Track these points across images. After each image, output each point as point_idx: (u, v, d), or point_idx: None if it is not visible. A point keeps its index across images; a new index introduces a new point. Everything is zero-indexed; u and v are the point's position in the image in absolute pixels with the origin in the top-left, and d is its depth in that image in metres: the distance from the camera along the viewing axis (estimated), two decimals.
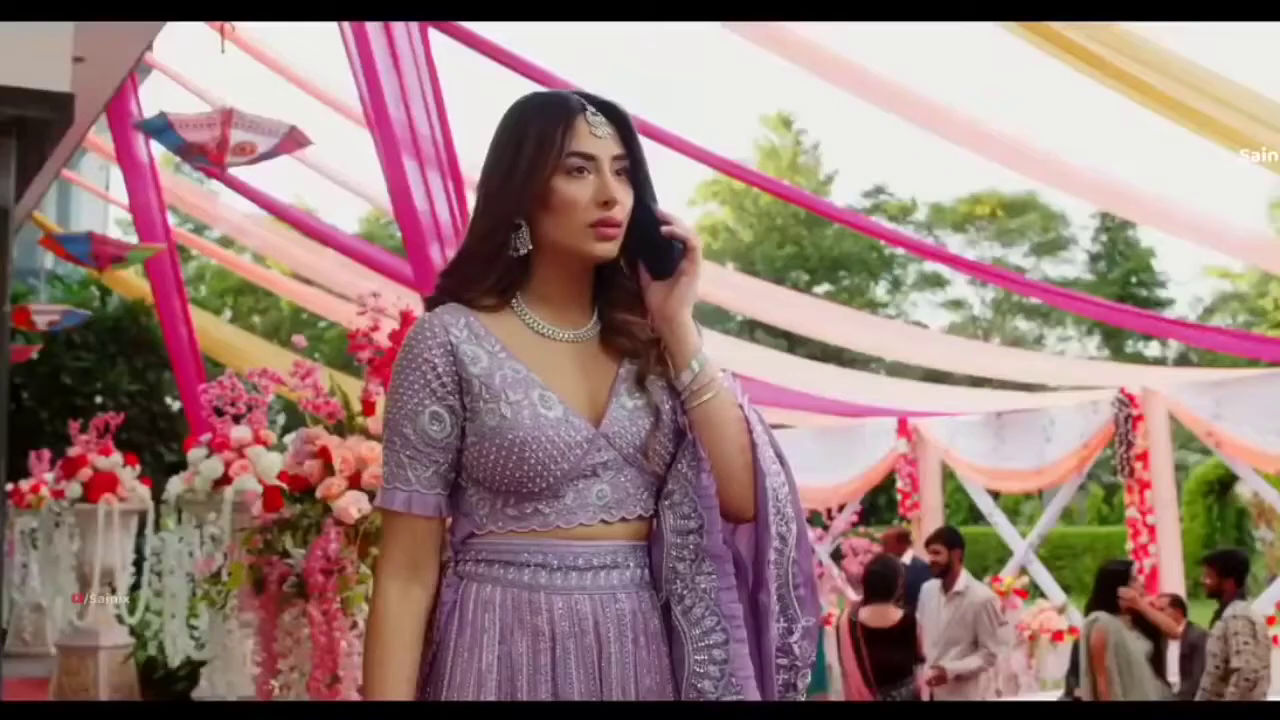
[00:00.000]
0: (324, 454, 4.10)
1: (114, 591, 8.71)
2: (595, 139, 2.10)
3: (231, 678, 5.26)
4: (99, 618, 8.46)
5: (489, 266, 2.14)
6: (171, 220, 22.48)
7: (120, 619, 8.72)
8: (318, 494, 4.06)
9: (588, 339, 2.18)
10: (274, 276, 18.38)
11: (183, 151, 5.87)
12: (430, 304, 2.19)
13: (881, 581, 7.63)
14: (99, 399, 14.48)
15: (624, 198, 2.11)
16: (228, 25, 6.72)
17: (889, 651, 7.32)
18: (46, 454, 11.33)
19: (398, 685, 2.05)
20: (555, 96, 2.16)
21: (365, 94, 5.31)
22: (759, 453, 2.12)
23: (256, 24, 7.90)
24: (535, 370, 2.10)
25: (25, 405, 14.77)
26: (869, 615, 7.48)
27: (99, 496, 8.27)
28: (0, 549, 5.70)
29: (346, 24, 5.30)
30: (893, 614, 7.47)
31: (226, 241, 21.24)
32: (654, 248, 2.13)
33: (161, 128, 5.73)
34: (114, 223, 25.17)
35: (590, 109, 2.12)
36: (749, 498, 2.12)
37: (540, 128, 2.10)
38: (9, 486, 11.83)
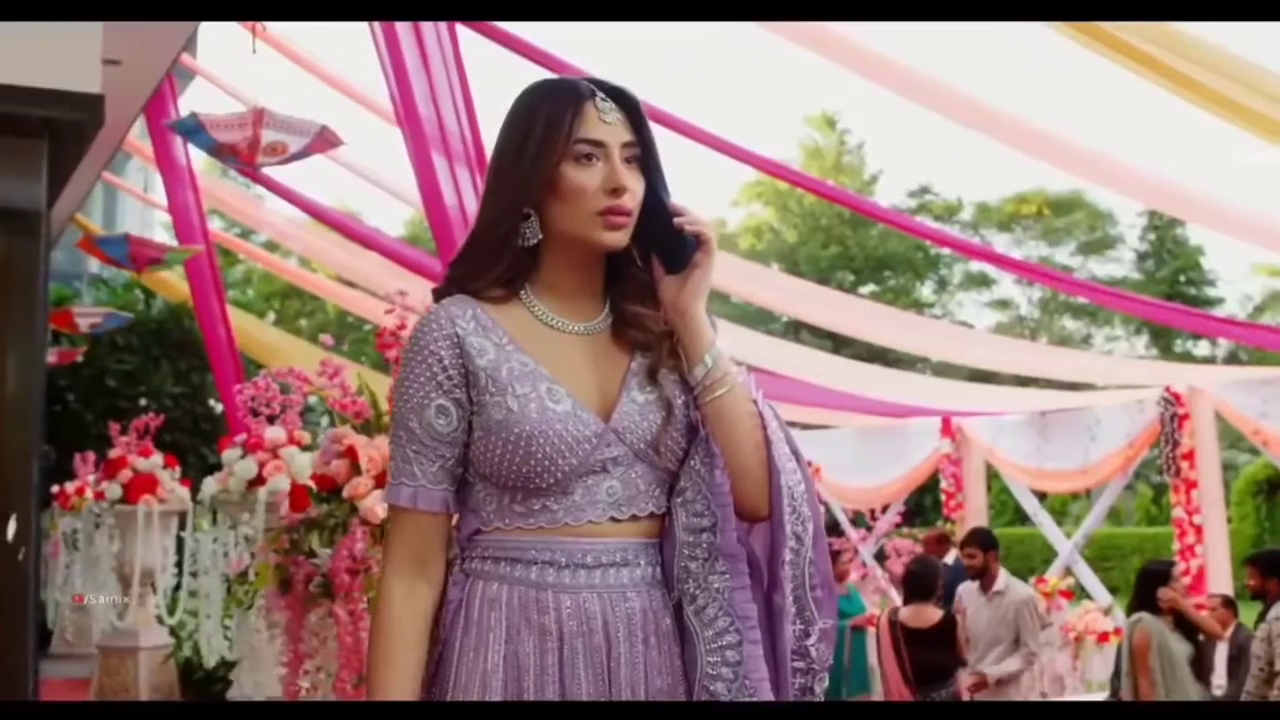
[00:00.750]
0: (351, 453, 4.08)
1: (155, 592, 8.76)
2: (604, 125, 2.05)
3: (260, 678, 5.25)
4: (139, 618, 8.50)
5: (497, 256, 2.10)
6: (218, 224, 22.67)
7: (160, 620, 8.76)
8: (344, 493, 4.04)
9: (599, 331, 2.13)
10: (319, 280, 18.43)
11: (215, 152, 5.88)
12: (438, 295, 2.14)
13: (920, 582, 7.57)
14: (143, 401, 14.54)
15: (634, 185, 2.06)
16: (259, 26, 6.72)
17: (929, 652, 7.26)
18: (91, 456, 11.39)
19: (401, 684, 2.01)
20: (564, 82, 2.11)
21: (395, 92, 5.31)
22: (774, 450, 2.06)
23: (289, 25, 7.92)
24: (543, 363, 2.06)
25: (71, 407, 14.88)
26: (908, 615, 7.43)
27: (139, 498, 8.30)
28: (36, 549, 5.69)
29: (376, 23, 5.30)
30: (932, 614, 7.40)
31: (272, 245, 21.34)
32: (667, 240, 2.08)
33: (193, 128, 5.74)
34: (159, 225, 25.35)
35: (600, 95, 2.07)
36: (763, 496, 2.06)
37: (548, 114, 2.05)
38: (54, 488, 11.93)
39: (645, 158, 2.10)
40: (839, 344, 22.66)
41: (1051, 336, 35.20)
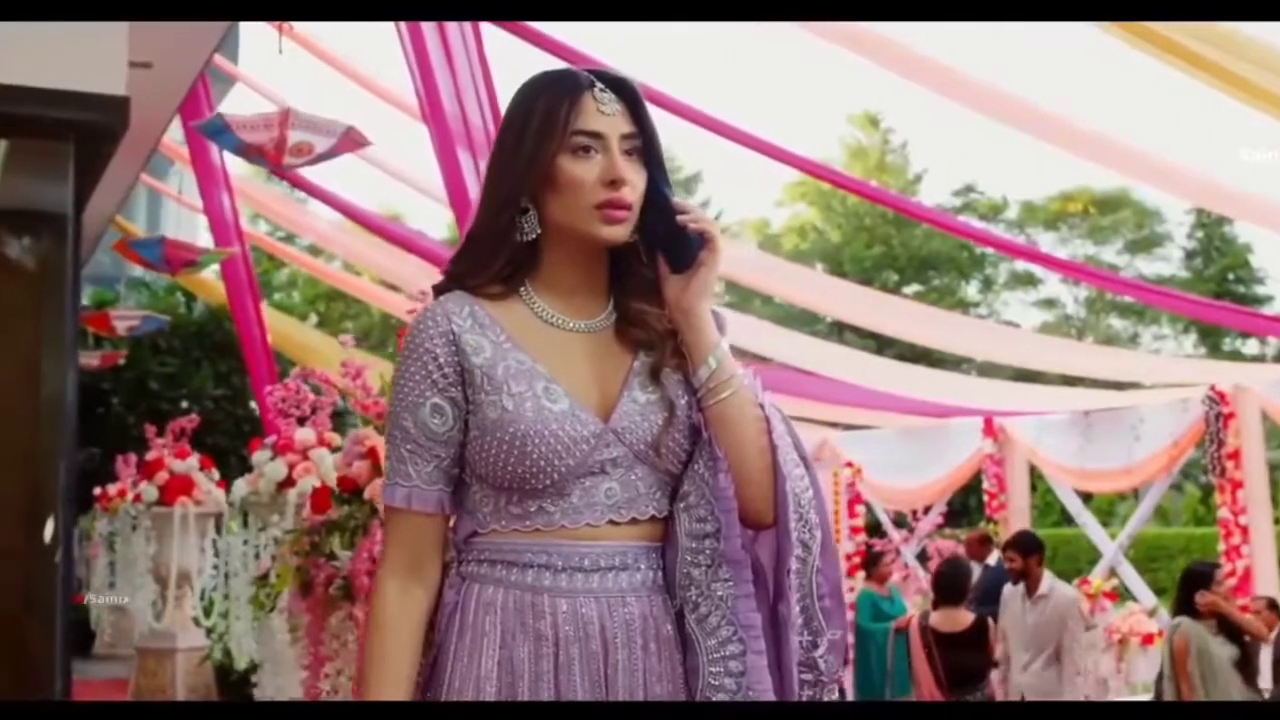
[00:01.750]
0: (373, 455, 4.06)
1: (192, 593, 8.79)
2: (603, 116, 2.00)
3: (281, 681, 5.24)
4: (176, 620, 8.54)
5: (495, 251, 2.05)
6: (264, 228, 22.76)
7: (197, 621, 8.79)
8: (365, 495, 4.02)
9: (601, 329, 2.08)
10: (362, 284, 18.48)
11: (241, 152, 5.88)
12: (437, 292, 2.10)
13: (949, 585, 7.51)
14: (184, 403, 14.64)
15: (634, 178, 2.00)
16: (286, 25, 6.72)
17: (961, 655, 7.20)
18: (132, 458, 11.44)
19: (395, 687, 1.97)
20: (562, 73, 2.06)
21: (420, 89, 5.32)
22: (780, 455, 2.00)
23: (318, 25, 7.93)
24: (541, 361, 2.01)
25: (114, 410, 14.98)
26: (939, 619, 7.37)
27: (175, 499, 8.34)
28: (67, 551, 5.70)
29: (401, 22, 5.30)
30: (964, 617, 7.34)
31: (316, 250, 21.42)
32: (672, 238, 2.03)
33: (219, 129, 5.74)
34: (202, 228, 25.45)
35: (599, 85, 2.02)
36: (768, 502, 2.00)
37: (545, 105, 2.00)
38: (97, 490, 12.00)
39: (647, 150, 2.04)
40: (882, 344, 22.56)
41: (1098, 336, 34.92)
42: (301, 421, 6.17)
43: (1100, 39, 6.01)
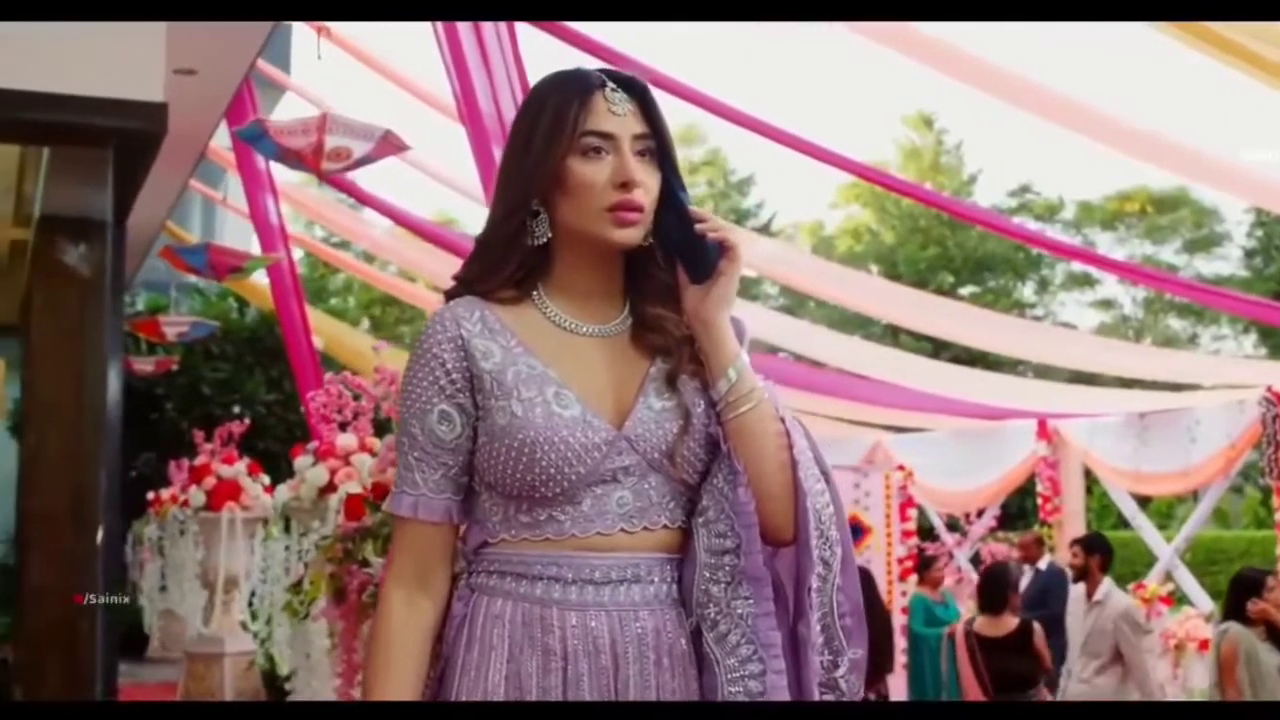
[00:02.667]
0: None
1: (240, 597, 8.83)
2: (613, 116, 1.95)
3: (317, 686, 5.23)
4: (224, 624, 8.57)
5: (506, 256, 2.01)
6: (319, 234, 22.84)
7: (244, 625, 8.82)
8: None
9: (616, 334, 2.03)
10: (416, 289, 18.51)
11: (280, 158, 5.88)
12: (448, 296, 2.06)
13: (992, 592, 7.43)
14: (236, 408, 14.69)
15: (646, 179, 1.95)
16: (324, 28, 6.72)
17: (1006, 660, 7.12)
18: (185, 463, 11.51)
19: (399, 699, 1.93)
20: (573, 73, 2.02)
21: (457, 90, 5.30)
22: (800, 470, 1.94)
23: (361, 31, 7.93)
24: (553, 366, 1.96)
25: (167, 415, 15.08)
26: (983, 624, 7.32)
27: (222, 504, 8.36)
28: (108, 554, 5.74)
29: (438, 22, 5.30)
30: (1008, 622, 7.27)
31: (369, 256, 21.50)
32: (689, 246, 1.97)
33: (258, 135, 5.74)
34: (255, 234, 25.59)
35: (610, 85, 1.97)
36: (788, 518, 1.94)
37: (555, 106, 1.96)
38: (150, 495, 12.10)
39: (660, 151, 1.99)
40: (938, 346, 22.40)
41: (1156, 336, 34.54)
42: (343, 427, 6.16)
43: (1155, 38, 5.91)
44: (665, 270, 2.03)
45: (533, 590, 1.93)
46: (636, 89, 2.00)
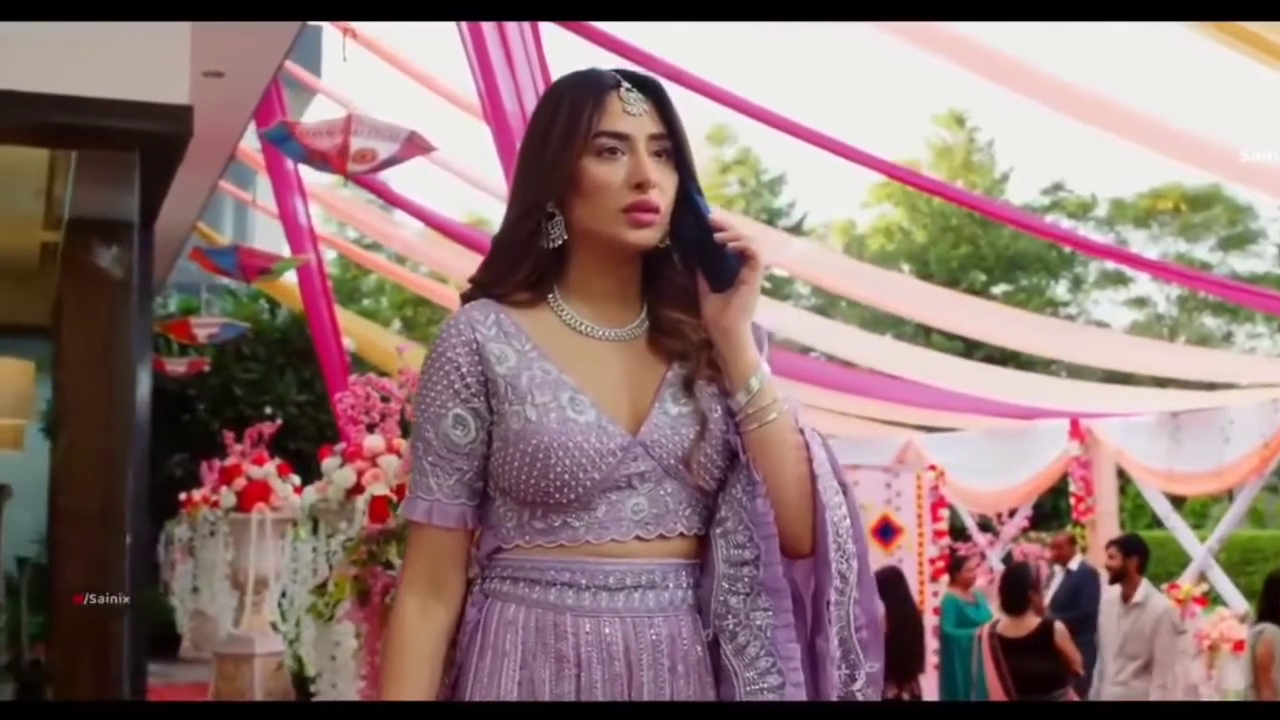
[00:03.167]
0: None
1: (273, 598, 8.85)
2: (628, 117, 1.93)
3: (342, 688, 5.23)
4: (254, 625, 8.59)
5: (521, 258, 1.99)
6: (351, 235, 22.86)
7: (274, 626, 8.84)
8: None
9: (633, 338, 2.00)
10: (449, 290, 18.50)
11: (305, 160, 5.89)
12: (464, 300, 2.04)
13: (1013, 591, 7.40)
14: (268, 409, 14.75)
15: (662, 180, 1.93)
16: (350, 29, 6.73)
17: (1028, 661, 7.10)
18: (216, 463, 11.56)
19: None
20: (588, 73, 2.00)
21: (482, 89, 5.31)
22: (820, 483, 1.91)
23: (387, 32, 7.96)
24: (568, 371, 1.94)
25: (199, 416, 15.14)
26: (1005, 625, 7.30)
27: (252, 505, 8.38)
28: (133, 554, 5.75)
29: (463, 23, 5.30)
30: (1029, 622, 7.23)
31: (401, 258, 21.53)
32: (707, 253, 1.94)
33: (283, 137, 5.75)
34: None
35: (625, 85, 1.95)
36: (806, 531, 1.92)
37: (569, 107, 1.94)
38: (182, 495, 12.15)
39: (677, 152, 1.97)
40: (971, 345, 22.31)
41: (1191, 334, 34.30)
42: (371, 428, 6.15)
43: (1189, 37, 5.85)
44: (683, 273, 2.01)
45: (546, 596, 1.91)
46: (652, 89, 1.98)
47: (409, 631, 1.95)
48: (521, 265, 1.99)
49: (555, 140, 1.94)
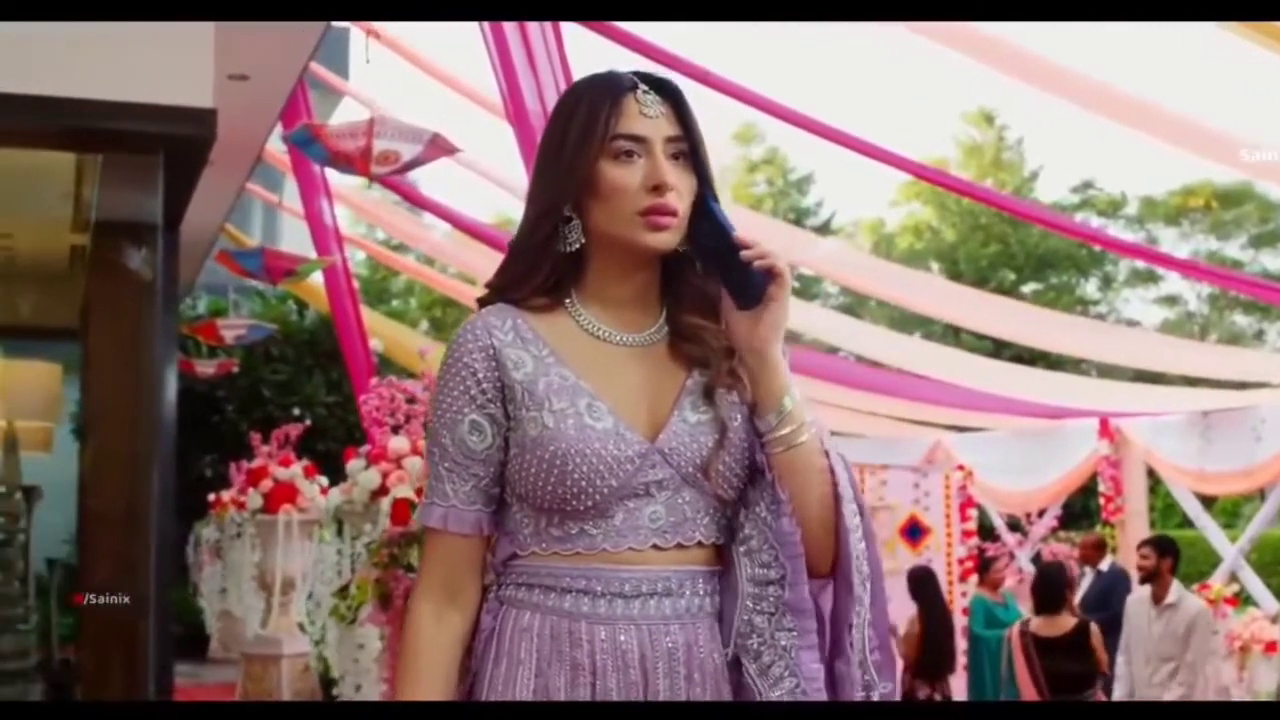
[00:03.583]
0: None
1: (300, 599, 8.86)
2: (645, 119, 1.91)
3: (366, 691, 5.23)
4: (281, 625, 8.60)
5: (537, 263, 1.96)
6: (380, 236, 22.88)
7: (302, 627, 8.86)
8: None
9: (652, 343, 1.98)
10: (476, 292, 18.47)
11: (329, 162, 5.90)
12: (481, 304, 2.02)
13: (1049, 591, 7.35)
14: (296, 410, 14.80)
15: (680, 182, 1.91)
16: (373, 30, 6.74)
17: (1063, 661, 7.05)
18: (245, 464, 11.60)
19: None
20: (604, 76, 1.98)
21: (504, 89, 5.31)
22: (843, 507, 1.89)
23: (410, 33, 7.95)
24: (586, 377, 1.91)
25: (228, 417, 15.20)
26: (1039, 625, 7.24)
27: (279, 507, 8.39)
28: (159, 554, 5.77)
29: (485, 23, 5.30)
30: (1065, 622, 7.19)
31: (429, 260, 21.56)
32: (733, 271, 1.90)
33: (307, 140, 5.76)
34: None
35: (642, 87, 1.93)
36: (826, 554, 1.90)
37: (586, 109, 1.92)
38: (211, 496, 12.18)
39: (694, 154, 1.95)
40: (999, 345, 22.23)
41: (1222, 332, 34.09)
42: (396, 430, 6.15)
43: (1223, 37, 5.80)
44: (702, 278, 1.98)
45: (561, 603, 1.89)
46: (669, 91, 1.96)
47: (423, 639, 1.94)
48: (538, 270, 1.97)
49: (572, 143, 1.92)
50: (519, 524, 1.94)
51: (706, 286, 1.98)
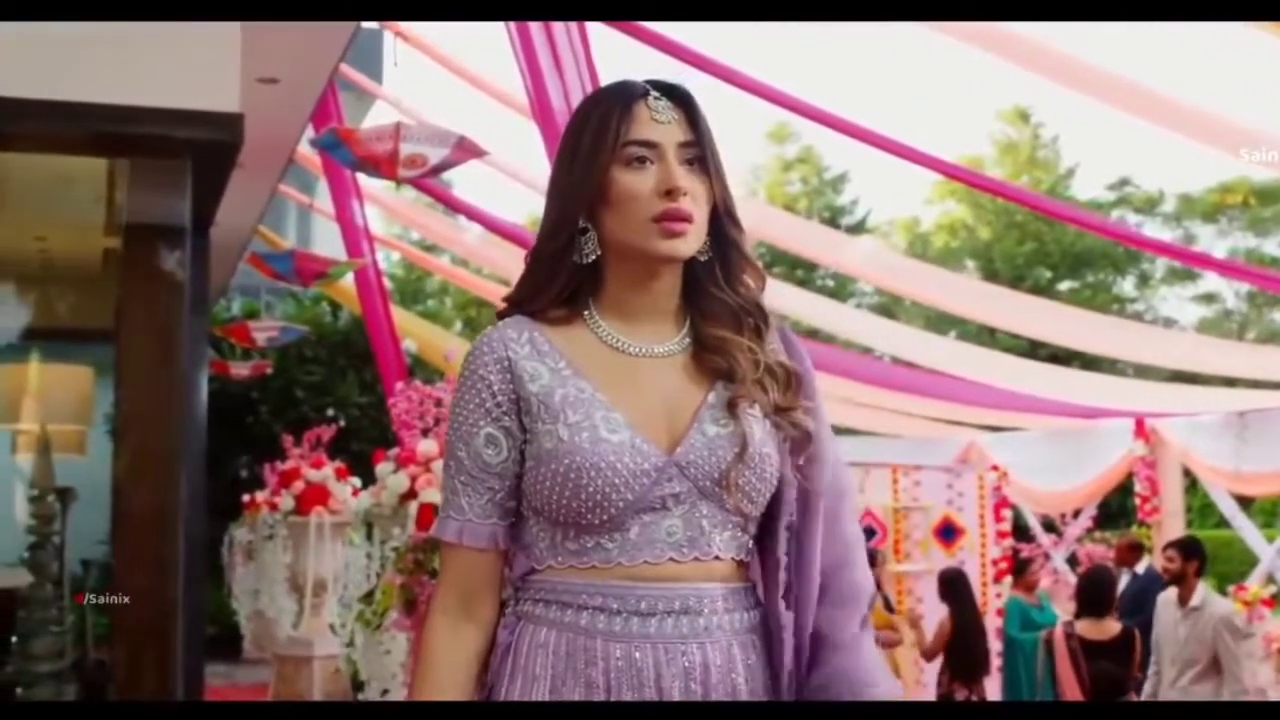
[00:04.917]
0: None
1: (332, 601, 8.88)
2: (657, 125, 1.89)
3: (393, 695, 5.23)
4: (313, 627, 8.62)
5: (553, 274, 1.95)
6: (416, 237, 22.90)
7: (334, 629, 8.87)
8: None
9: (674, 355, 1.96)
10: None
11: (357, 166, 5.91)
12: (499, 317, 2.01)
13: (1093, 595, 7.30)
14: (330, 411, 14.84)
15: (694, 187, 1.89)
16: (401, 31, 6.75)
17: (1107, 664, 7.03)
18: (278, 466, 11.63)
19: None
20: (617, 84, 1.96)
21: (530, 89, 5.31)
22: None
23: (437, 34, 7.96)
24: (603, 389, 1.89)
25: (262, 418, 15.25)
26: (1085, 628, 7.19)
27: (310, 509, 8.41)
28: (187, 555, 5.79)
29: (511, 23, 5.31)
30: (1111, 626, 7.14)
31: (462, 261, 21.59)
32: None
33: (334, 143, 5.77)
34: None
35: (653, 94, 1.91)
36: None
37: (598, 118, 1.91)
38: (245, 497, 12.24)
39: (707, 160, 1.93)
40: (1034, 345, 22.11)
41: (1261, 331, 33.82)
42: (425, 433, 6.16)
43: (1253, 36, 5.75)
44: (727, 290, 1.97)
45: (577, 620, 1.86)
46: (680, 97, 1.94)
47: (438, 655, 1.92)
48: (555, 281, 1.95)
49: (584, 152, 1.90)
50: (535, 538, 1.92)
51: (729, 298, 1.96)
